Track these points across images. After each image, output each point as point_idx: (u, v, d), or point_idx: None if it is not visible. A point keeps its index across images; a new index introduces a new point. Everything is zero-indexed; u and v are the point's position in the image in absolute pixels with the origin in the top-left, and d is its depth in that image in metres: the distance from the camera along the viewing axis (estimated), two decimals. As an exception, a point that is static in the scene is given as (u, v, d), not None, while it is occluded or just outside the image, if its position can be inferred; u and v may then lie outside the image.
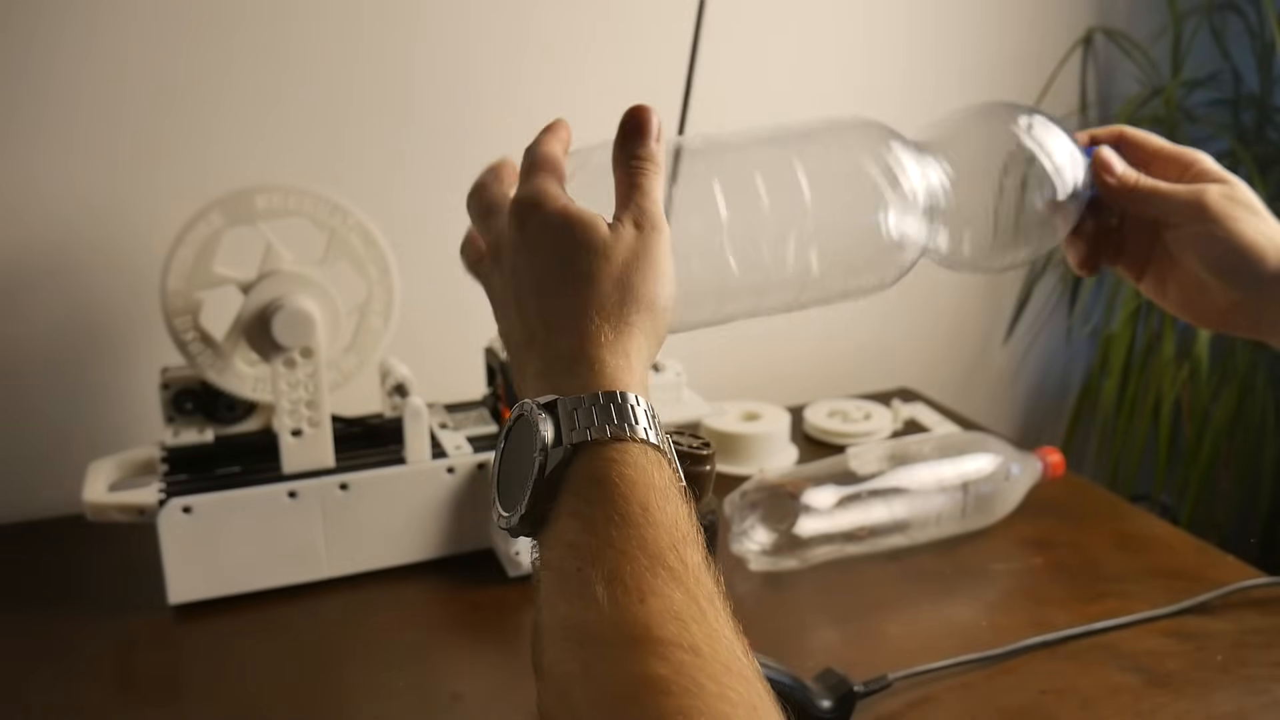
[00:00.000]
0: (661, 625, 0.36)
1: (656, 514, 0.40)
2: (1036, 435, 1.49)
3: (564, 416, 0.42)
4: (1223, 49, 1.38)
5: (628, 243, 0.46)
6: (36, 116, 0.94)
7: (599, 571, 0.38)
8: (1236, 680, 0.72)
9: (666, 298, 0.46)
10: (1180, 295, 0.62)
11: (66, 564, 0.89)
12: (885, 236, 0.55)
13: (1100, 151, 0.61)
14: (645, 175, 0.48)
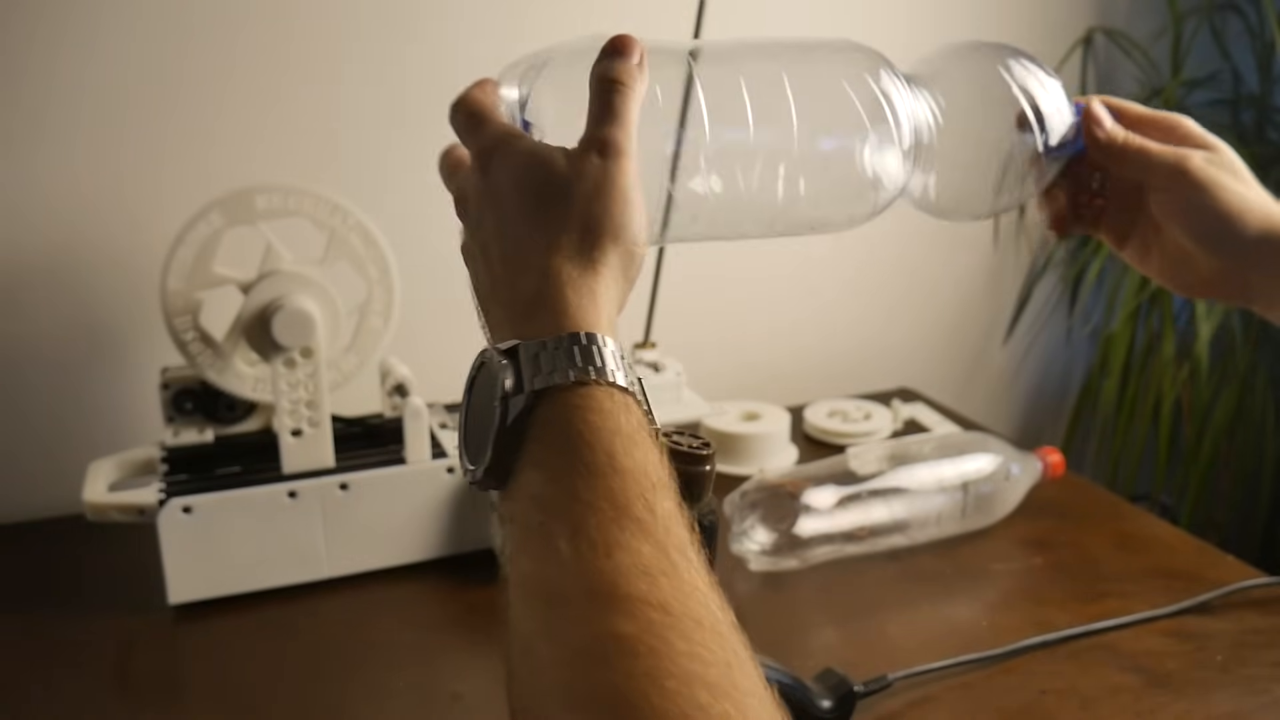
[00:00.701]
0: (629, 581, 0.34)
1: (623, 461, 0.38)
2: (1036, 435, 1.49)
3: (525, 362, 0.40)
4: (1223, 49, 1.38)
5: (590, 174, 0.44)
6: (37, 117, 0.94)
7: (563, 525, 0.36)
8: (1236, 680, 0.72)
9: (635, 228, 0.44)
10: (1163, 263, 0.62)
11: (66, 564, 0.89)
12: (868, 168, 0.53)
13: (1091, 104, 0.61)
14: (620, 97, 0.46)
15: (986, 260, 1.35)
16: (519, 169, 0.45)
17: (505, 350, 0.41)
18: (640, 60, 0.47)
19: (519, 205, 0.45)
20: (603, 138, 0.45)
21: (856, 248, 1.27)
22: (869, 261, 1.28)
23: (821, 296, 1.28)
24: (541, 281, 0.43)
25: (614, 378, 0.40)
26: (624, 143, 0.45)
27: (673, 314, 1.00)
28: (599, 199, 0.44)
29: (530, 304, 0.43)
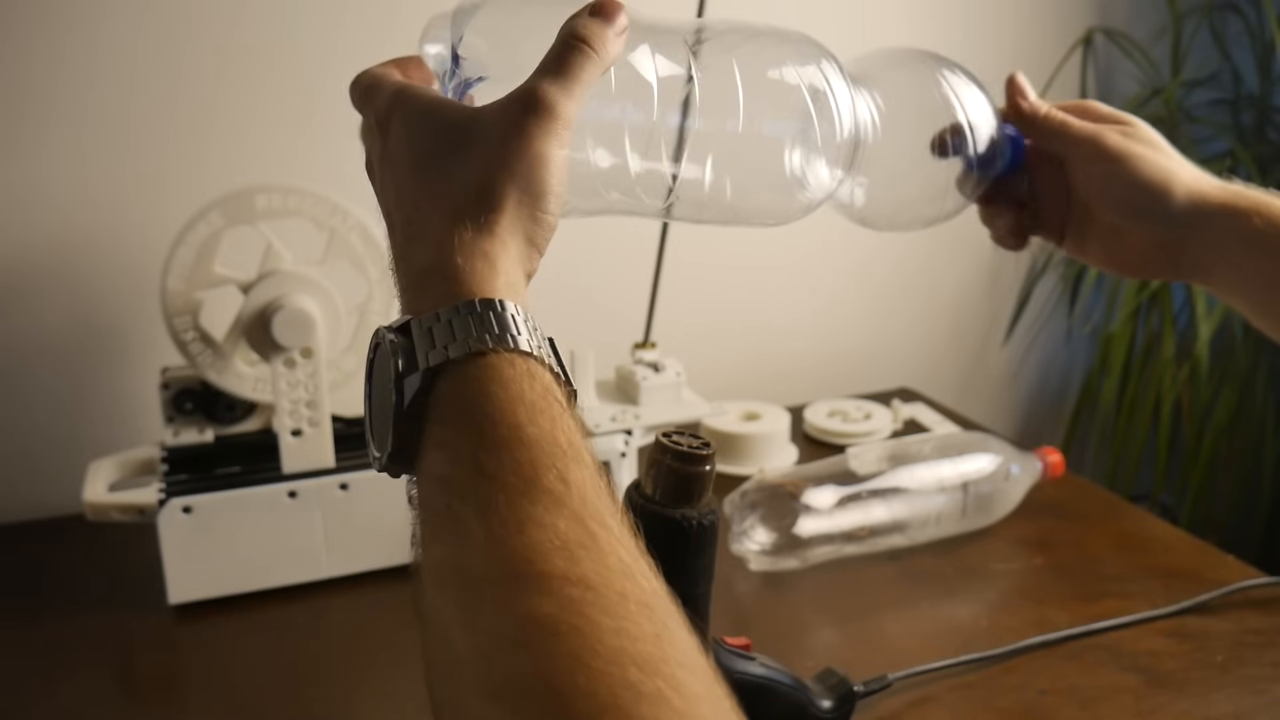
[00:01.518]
0: (545, 558, 0.32)
1: (529, 431, 0.35)
2: (1036, 435, 1.49)
3: (419, 338, 0.38)
4: (1223, 49, 1.38)
5: (499, 129, 0.41)
6: (38, 117, 0.94)
7: (471, 505, 0.34)
8: (1236, 680, 0.72)
9: (545, 192, 0.41)
10: (1100, 247, 0.62)
11: (66, 564, 0.89)
12: (801, 162, 0.52)
13: (1016, 76, 0.61)
14: (582, 58, 0.42)
15: (986, 260, 1.35)
16: (413, 125, 0.42)
17: (398, 327, 0.38)
18: (622, 30, 0.44)
19: (413, 166, 0.42)
20: (539, 93, 0.41)
21: (857, 248, 1.27)
22: (869, 261, 1.28)
23: (821, 297, 1.28)
24: (434, 249, 0.40)
25: (514, 343, 0.37)
26: (561, 104, 0.41)
27: (673, 314, 1.00)
28: (505, 156, 0.40)
29: (423, 274, 0.40)
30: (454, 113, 0.42)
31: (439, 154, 0.41)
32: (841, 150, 0.53)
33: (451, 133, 0.41)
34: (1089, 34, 1.33)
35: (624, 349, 0.97)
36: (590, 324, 1.13)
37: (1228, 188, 0.58)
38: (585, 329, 0.96)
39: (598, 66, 0.43)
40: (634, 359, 0.96)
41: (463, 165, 0.40)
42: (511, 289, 0.39)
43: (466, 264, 0.39)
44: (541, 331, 0.39)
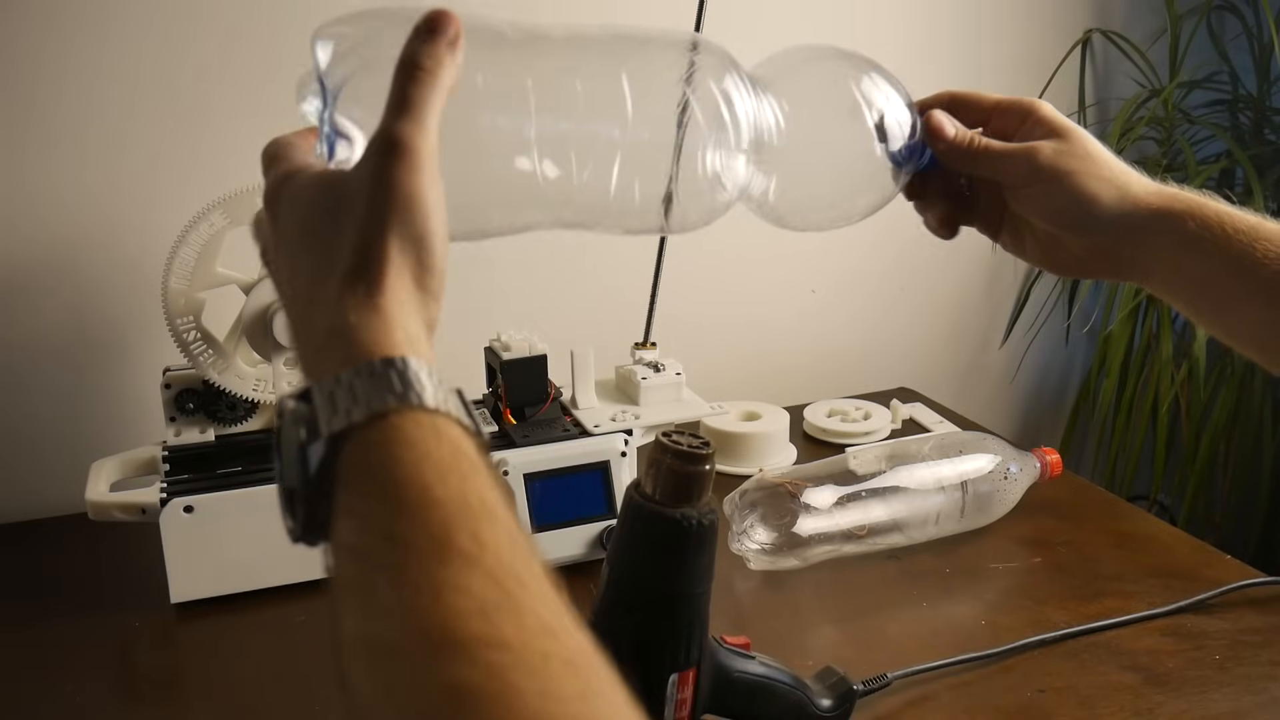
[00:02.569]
0: (462, 623, 0.31)
1: (438, 492, 0.34)
2: (1035, 435, 1.49)
3: (320, 404, 0.36)
4: (1220, 50, 1.38)
5: (363, 183, 0.40)
6: (40, 118, 0.94)
7: (383, 573, 0.32)
8: (1234, 679, 0.72)
9: (423, 231, 0.40)
10: (1037, 249, 0.62)
11: (68, 563, 0.89)
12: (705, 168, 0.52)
13: (932, 115, 0.60)
14: (418, 85, 0.41)
15: (985, 261, 1.36)
16: (297, 202, 0.42)
17: (300, 395, 0.37)
18: (454, 39, 0.43)
19: (300, 241, 0.42)
20: (389, 135, 0.41)
21: (856, 248, 1.27)
22: (868, 262, 1.29)
23: (821, 297, 1.29)
24: (328, 314, 0.39)
25: (419, 400, 0.36)
26: (412, 138, 0.40)
27: (673, 314, 1.01)
28: (375, 208, 0.40)
29: (323, 340, 0.39)
30: (329, 181, 0.42)
31: (320, 223, 0.41)
32: (742, 152, 0.53)
33: (328, 201, 0.41)
34: (1087, 35, 1.33)
35: (624, 349, 0.97)
36: (590, 324, 1.13)
37: (1163, 191, 0.58)
38: (585, 329, 0.96)
39: (437, 87, 0.42)
40: (634, 359, 0.96)
41: (342, 228, 0.40)
42: (411, 343, 0.38)
43: (361, 324, 0.38)
44: (447, 383, 0.38)
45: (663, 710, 0.57)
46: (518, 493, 0.83)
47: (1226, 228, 0.55)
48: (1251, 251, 0.54)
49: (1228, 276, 0.55)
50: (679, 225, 0.54)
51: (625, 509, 0.57)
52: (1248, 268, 0.54)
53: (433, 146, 0.41)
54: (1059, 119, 0.59)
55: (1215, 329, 0.59)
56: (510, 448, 0.86)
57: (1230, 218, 0.56)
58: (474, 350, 0.97)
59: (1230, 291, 0.55)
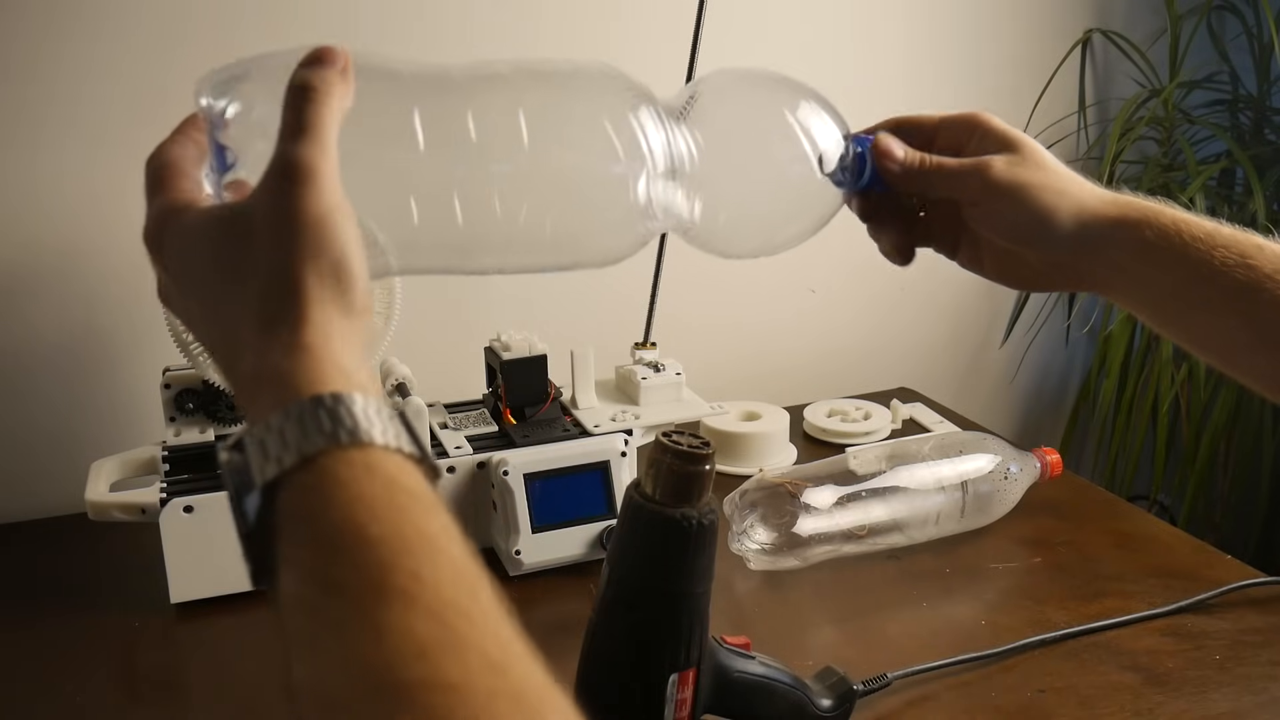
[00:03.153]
0: (404, 666, 0.30)
1: (373, 530, 0.33)
2: (1035, 435, 1.49)
3: (253, 453, 0.35)
4: (1220, 50, 1.38)
5: (266, 213, 0.38)
6: (39, 118, 0.94)
7: (323, 622, 0.32)
8: (1234, 679, 0.72)
9: (337, 250, 0.38)
10: (995, 265, 0.61)
11: (68, 563, 0.89)
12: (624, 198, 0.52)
13: (879, 138, 0.58)
14: (311, 105, 0.40)
15: (985, 261, 1.36)
16: (189, 245, 0.40)
17: (234, 444, 0.36)
18: (344, 69, 0.42)
19: (206, 281, 0.40)
20: (287, 158, 0.39)
21: (856, 248, 1.26)
22: (869, 262, 1.28)
23: (821, 297, 1.29)
24: (253, 360, 0.37)
25: (350, 437, 0.34)
26: (313, 159, 0.39)
27: (673, 314, 1.01)
28: (284, 238, 0.38)
29: (249, 385, 0.37)
30: (224, 218, 0.40)
31: (225, 264, 0.39)
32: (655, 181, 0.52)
33: (228, 239, 0.39)
34: (1087, 35, 1.33)
35: (624, 349, 0.97)
36: (590, 324, 1.13)
37: (1118, 200, 0.57)
38: (585, 329, 0.96)
39: (331, 107, 0.41)
40: (634, 359, 0.96)
41: (251, 266, 0.38)
42: (342, 375, 0.36)
43: (287, 363, 0.36)
44: (387, 412, 0.36)
45: (663, 710, 0.57)
46: (518, 493, 0.83)
47: (1184, 235, 0.55)
48: (1210, 259, 0.54)
49: (1186, 285, 0.55)
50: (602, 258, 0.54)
51: (625, 509, 0.57)
52: (1206, 276, 0.54)
53: (333, 167, 0.40)
54: (1006, 129, 0.59)
55: (1177, 337, 0.59)
56: (510, 448, 0.86)
57: (1187, 224, 0.55)
58: (474, 350, 0.97)
59: (1189, 300, 0.55)
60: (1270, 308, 0.53)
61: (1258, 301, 0.53)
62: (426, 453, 0.37)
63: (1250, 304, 0.53)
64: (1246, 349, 0.54)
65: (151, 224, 0.42)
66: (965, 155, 0.58)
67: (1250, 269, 0.53)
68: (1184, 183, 1.29)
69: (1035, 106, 1.32)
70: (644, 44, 1.10)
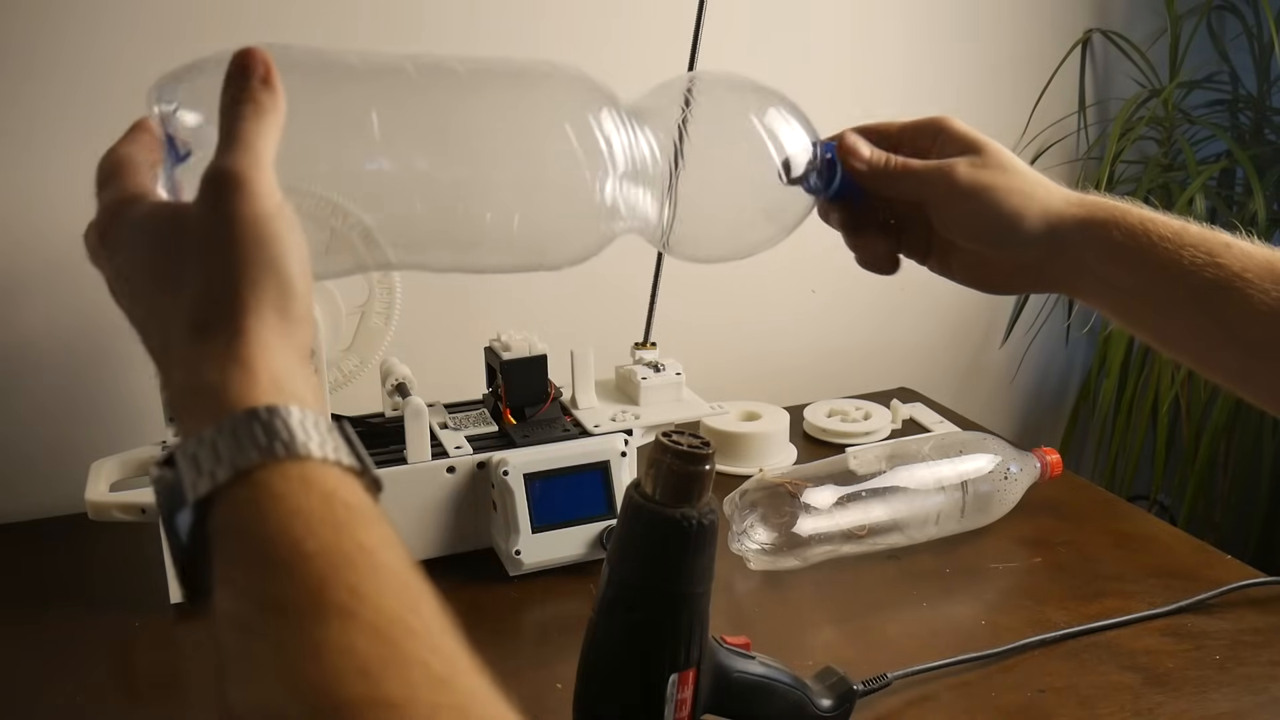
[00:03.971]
0: (345, 684, 0.29)
1: (310, 545, 0.32)
2: (1035, 435, 1.49)
3: (185, 468, 0.34)
4: (1220, 50, 1.38)
5: (204, 222, 0.38)
6: (37, 118, 0.94)
7: (261, 640, 0.31)
8: (1234, 679, 0.72)
9: (275, 261, 0.38)
10: (964, 269, 0.61)
11: (68, 563, 0.89)
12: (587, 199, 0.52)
13: (845, 136, 0.58)
14: (240, 120, 0.40)
15: (985, 261, 1.35)
16: (136, 242, 0.40)
17: (164, 460, 0.35)
18: (266, 77, 0.41)
19: (146, 288, 0.39)
20: (221, 169, 0.39)
21: (856, 248, 1.27)
22: (868, 262, 1.28)
23: (821, 297, 1.29)
24: (186, 371, 0.37)
25: (287, 450, 0.34)
26: (246, 169, 0.38)
27: (673, 314, 1.01)
28: (222, 247, 0.37)
29: (182, 396, 0.37)
30: (166, 219, 0.39)
31: (163, 269, 0.39)
32: (621, 183, 0.53)
33: (168, 243, 0.39)
34: (1087, 35, 1.33)
35: (624, 349, 0.97)
36: (590, 324, 1.13)
37: (1085, 201, 0.57)
38: (585, 329, 0.96)
39: (261, 117, 0.40)
40: (634, 359, 0.96)
41: (188, 273, 0.38)
42: (278, 387, 0.36)
43: (220, 376, 0.36)
44: (324, 424, 0.36)
45: (663, 710, 0.57)
46: (518, 493, 0.83)
47: (1151, 235, 0.55)
48: (1178, 259, 0.54)
49: (1155, 286, 0.54)
50: (563, 259, 0.54)
51: (625, 509, 0.57)
52: (1175, 275, 0.54)
53: (269, 176, 0.39)
54: (970, 132, 0.59)
55: (1147, 337, 0.59)
56: (510, 448, 0.86)
57: (1155, 224, 0.55)
58: (474, 350, 0.97)
59: (1158, 300, 0.55)
60: (1239, 306, 0.53)
61: (1226, 300, 0.53)
62: (367, 465, 0.36)
63: (1219, 303, 0.53)
64: (1216, 347, 0.54)
65: (102, 215, 0.42)
66: (930, 159, 0.59)
67: (1219, 267, 0.53)
68: (1184, 183, 1.29)
69: (1035, 106, 1.32)
70: (644, 44, 1.10)
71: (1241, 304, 0.52)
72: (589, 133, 0.51)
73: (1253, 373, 0.54)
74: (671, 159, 0.54)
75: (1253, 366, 0.54)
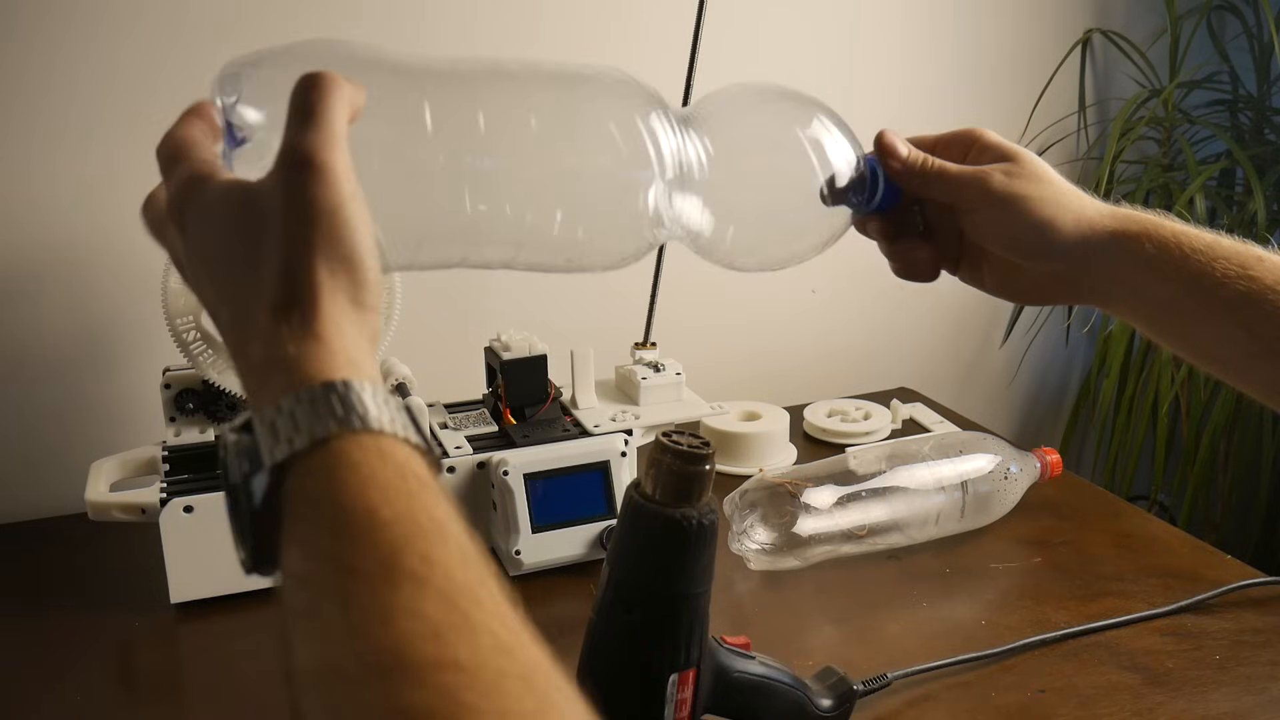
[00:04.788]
0: (414, 647, 0.30)
1: (385, 513, 0.33)
2: (1035, 435, 1.49)
3: (262, 434, 0.36)
4: (1221, 50, 1.38)
5: (277, 202, 0.39)
6: (36, 117, 0.94)
7: (332, 601, 0.32)
8: (1234, 679, 0.72)
9: (351, 246, 0.39)
10: (995, 278, 0.62)
11: (68, 563, 0.89)
12: (631, 205, 0.52)
13: (884, 135, 0.59)
14: (318, 95, 0.40)
15: (985, 261, 1.36)
16: (209, 221, 0.41)
17: (241, 425, 0.37)
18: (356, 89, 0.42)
19: (217, 264, 0.40)
20: (296, 148, 0.39)
21: (857, 248, 1.26)
22: (869, 262, 1.28)
23: (821, 297, 1.29)
24: (264, 344, 0.38)
25: (362, 423, 0.35)
26: (322, 151, 0.39)
27: (673, 314, 1.01)
28: (295, 228, 0.38)
29: (260, 368, 0.38)
30: (241, 195, 0.40)
31: (238, 247, 0.40)
32: (664, 188, 0.53)
33: (243, 219, 0.40)
34: (1087, 35, 1.33)
35: (624, 349, 0.97)
36: (590, 324, 1.13)
37: (1117, 214, 0.57)
38: (585, 329, 0.96)
39: (337, 98, 0.41)
40: (634, 359, 0.96)
41: (263, 253, 0.39)
42: (352, 365, 0.37)
43: (298, 350, 0.37)
44: (394, 403, 0.37)
45: (663, 710, 0.57)
46: (518, 493, 0.83)
47: (1184, 248, 0.55)
48: (1211, 271, 0.54)
49: (1187, 297, 0.55)
50: (607, 261, 0.54)
51: (625, 509, 0.57)
52: (1207, 287, 0.54)
53: (344, 158, 0.40)
54: (1004, 143, 0.59)
55: (1178, 348, 0.59)
56: (510, 448, 0.86)
57: (1187, 237, 0.55)
58: (474, 350, 0.97)
59: (1191, 312, 0.55)
60: (1272, 319, 0.53)
61: (1259, 313, 0.53)
62: (431, 445, 0.37)
63: (1253, 315, 0.53)
64: (1250, 358, 0.55)
65: (175, 193, 0.42)
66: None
67: (1251, 280, 0.54)
68: (1184, 183, 1.29)
69: (1035, 106, 1.32)
70: (644, 44, 1.10)
71: (1274, 316, 0.53)
72: (638, 135, 0.52)
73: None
74: (716, 167, 0.54)
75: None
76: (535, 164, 0.50)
